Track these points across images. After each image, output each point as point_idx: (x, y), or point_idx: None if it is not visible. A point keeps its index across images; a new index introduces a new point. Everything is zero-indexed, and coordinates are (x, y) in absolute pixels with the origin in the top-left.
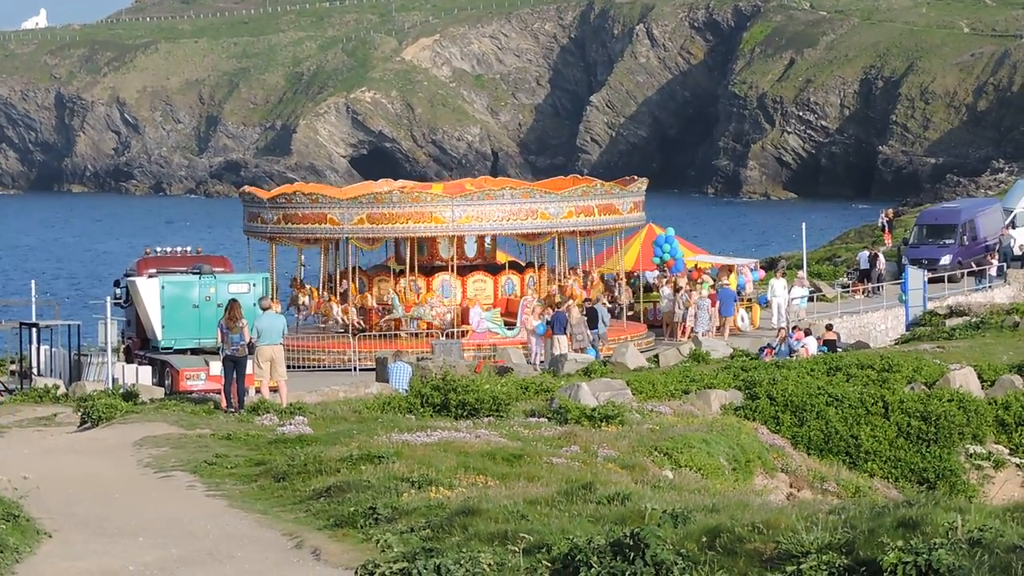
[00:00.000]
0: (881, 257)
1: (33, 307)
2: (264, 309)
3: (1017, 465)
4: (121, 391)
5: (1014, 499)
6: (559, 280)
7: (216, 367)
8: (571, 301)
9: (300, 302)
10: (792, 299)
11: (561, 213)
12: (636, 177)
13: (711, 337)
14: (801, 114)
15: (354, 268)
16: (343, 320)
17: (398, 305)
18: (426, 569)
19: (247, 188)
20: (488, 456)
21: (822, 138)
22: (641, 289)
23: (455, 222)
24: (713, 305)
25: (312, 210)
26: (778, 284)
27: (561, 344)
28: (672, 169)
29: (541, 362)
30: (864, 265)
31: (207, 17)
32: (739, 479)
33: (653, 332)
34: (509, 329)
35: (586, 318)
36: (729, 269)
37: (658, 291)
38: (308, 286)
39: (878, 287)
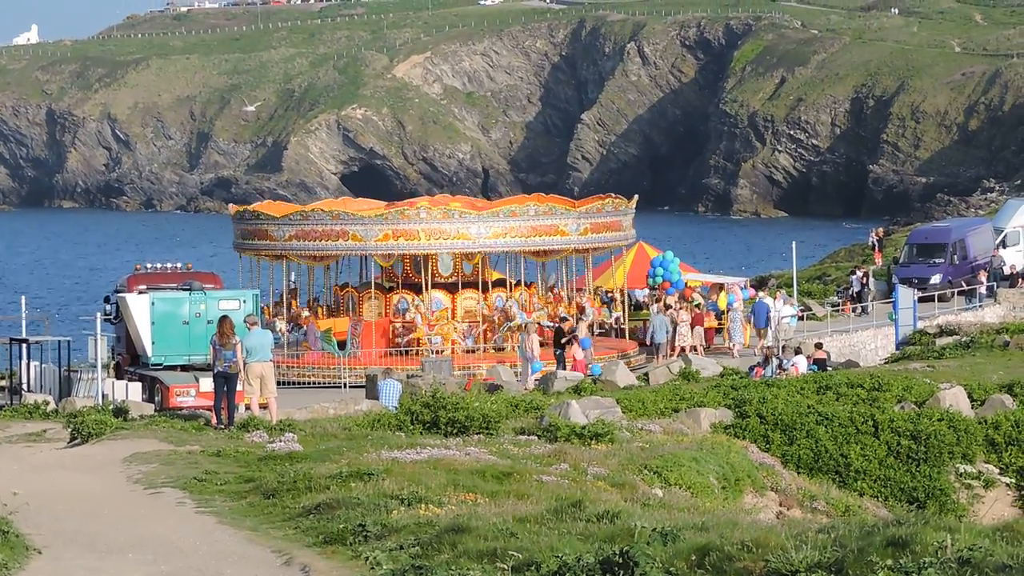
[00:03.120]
0: (870, 276)
1: (23, 323)
2: (251, 326)
3: (1007, 484)
4: (111, 407)
5: (1004, 518)
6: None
7: (206, 383)
8: (581, 320)
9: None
10: (782, 317)
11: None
12: (614, 196)
13: (741, 349)
14: (792, 133)
15: (343, 285)
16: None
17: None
18: None
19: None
20: (478, 474)
21: (813, 157)
22: (627, 307)
23: (430, 240)
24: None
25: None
26: (768, 303)
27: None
28: (663, 187)
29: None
30: (857, 288)
31: (198, 34)
32: (729, 498)
33: (643, 350)
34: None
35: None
36: (719, 287)
37: (648, 309)
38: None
39: (866, 306)
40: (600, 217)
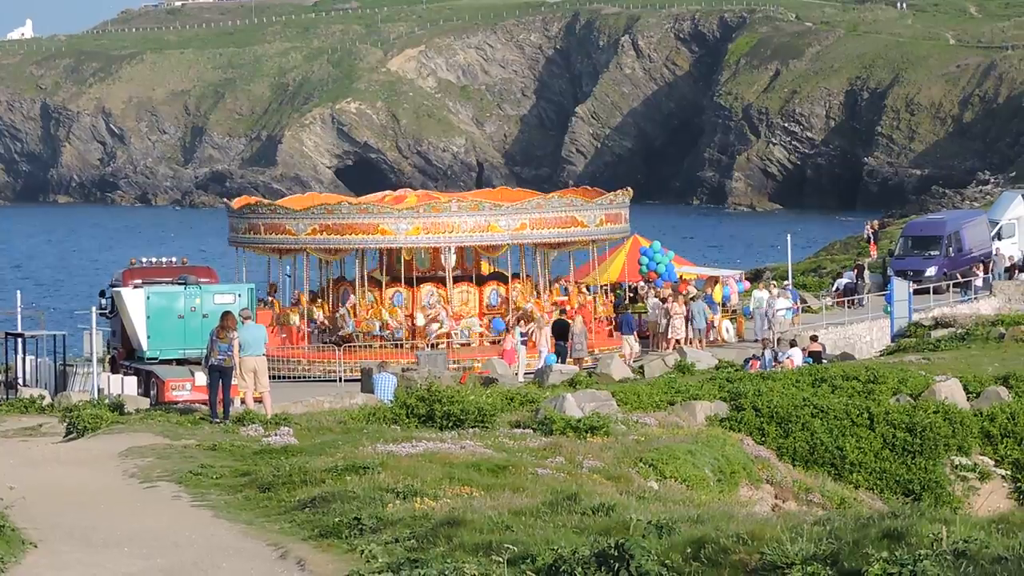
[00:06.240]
0: (865, 269)
1: (19, 317)
2: (244, 320)
3: (1002, 477)
4: (107, 401)
5: (999, 510)
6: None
7: (201, 378)
8: (578, 313)
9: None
10: (777, 310)
11: (513, 225)
12: (602, 191)
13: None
14: (786, 125)
15: (339, 279)
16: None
17: None
18: None
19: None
20: (473, 467)
21: (807, 149)
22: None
23: (402, 234)
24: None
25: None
26: (760, 296)
27: (631, 343)
28: (657, 180)
29: (527, 374)
30: (848, 281)
31: (193, 28)
32: (724, 490)
33: (639, 343)
34: None
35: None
36: (715, 280)
37: (644, 302)
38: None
39: (862, 298)
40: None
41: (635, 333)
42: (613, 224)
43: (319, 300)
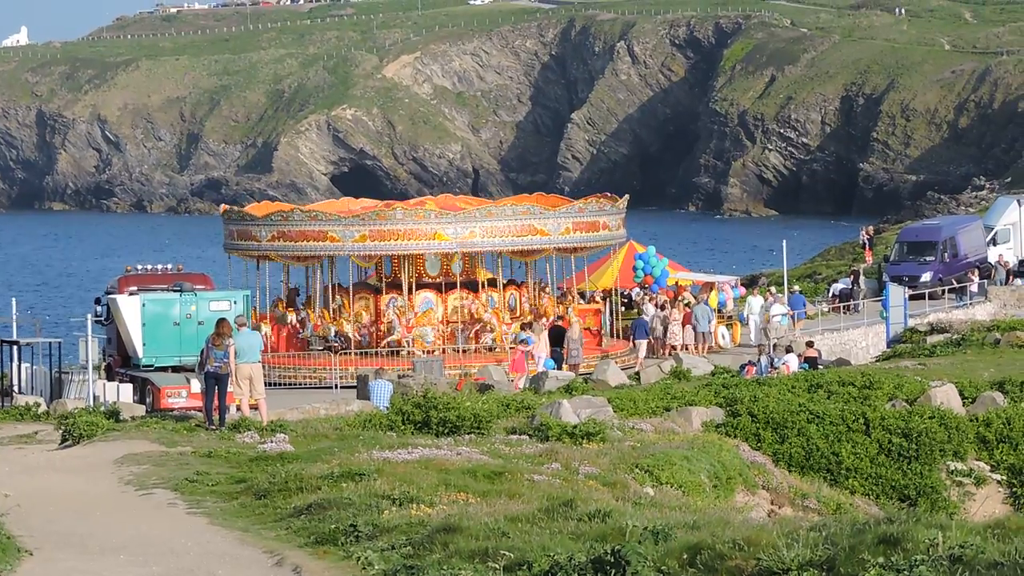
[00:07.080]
0: (861, 275)
1: (14, 325)
2: (240, 327)
3: (998, 482)
4: (102, 409)
5: (995, 516)
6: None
7: (197, 385)
8: (575, 319)
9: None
10: (772, 316)
11: (461, 233)
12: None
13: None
14: (782, 131)
15: (336, 285)
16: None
17: None
18: None
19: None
20: (469, 473)
21: (803, 155)
22: (618, 305)
23: (349, 241)
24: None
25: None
26: (755, 301)
27: (642, 349)
28: (653, 186)
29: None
30: (844, 287)
31: (188, 35)
32: (720, 496)
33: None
34: None
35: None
36: (710, 286)
37: (641, 308)
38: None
39: (858, 304)
40: (584, 216)
41: (648, 339)
42: (586, 232)
43: (309, 306)
